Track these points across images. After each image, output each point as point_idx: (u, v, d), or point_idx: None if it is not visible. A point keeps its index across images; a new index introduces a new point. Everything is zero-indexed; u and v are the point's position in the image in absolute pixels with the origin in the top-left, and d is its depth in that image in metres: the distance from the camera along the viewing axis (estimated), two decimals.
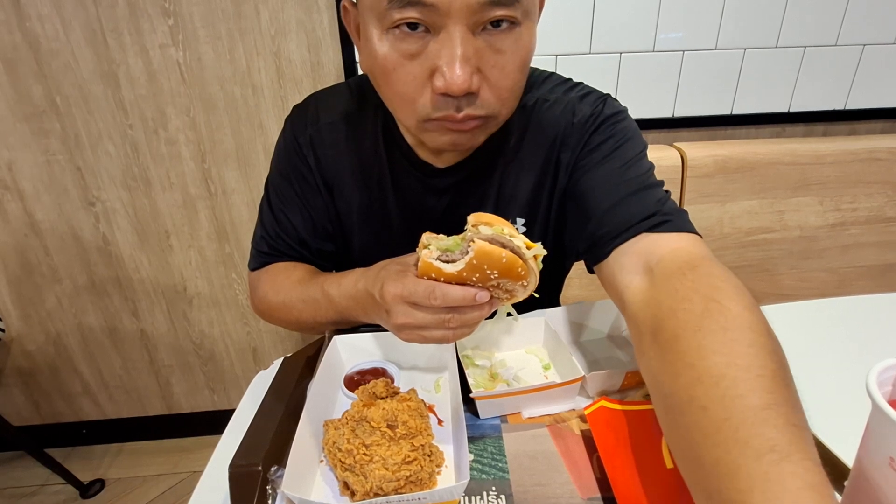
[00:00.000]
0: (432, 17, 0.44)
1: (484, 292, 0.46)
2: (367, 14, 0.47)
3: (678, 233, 0.50)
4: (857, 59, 1.30)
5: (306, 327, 0.67)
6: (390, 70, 0.48)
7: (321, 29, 1.19)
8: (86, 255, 1.37)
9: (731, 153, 1.24)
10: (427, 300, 0.46)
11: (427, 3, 0.43)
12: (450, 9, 0.43)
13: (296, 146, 0.66)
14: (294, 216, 0.69)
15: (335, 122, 0.66)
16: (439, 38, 0.45)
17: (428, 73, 0.47)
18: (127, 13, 1.14)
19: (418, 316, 0.48)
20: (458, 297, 0.45)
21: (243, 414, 0.55)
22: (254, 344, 1.55)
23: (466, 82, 0.45)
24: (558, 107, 0.62)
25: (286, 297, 0.66)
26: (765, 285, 1.34)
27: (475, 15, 0.44)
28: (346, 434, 0.46)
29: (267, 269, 0.71)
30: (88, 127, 1.23)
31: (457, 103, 0.48)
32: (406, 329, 0.50)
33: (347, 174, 0.67)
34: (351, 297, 0.58)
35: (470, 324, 0.48)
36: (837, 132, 1.40)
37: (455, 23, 0.44)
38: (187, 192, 1.32)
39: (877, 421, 0.32)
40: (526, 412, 0.55)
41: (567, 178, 0.62)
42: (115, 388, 1.56)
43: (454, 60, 0.44)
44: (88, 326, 1.46)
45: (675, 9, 1.21)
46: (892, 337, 0.55)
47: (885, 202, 1.31)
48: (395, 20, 0.45)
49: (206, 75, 1.21)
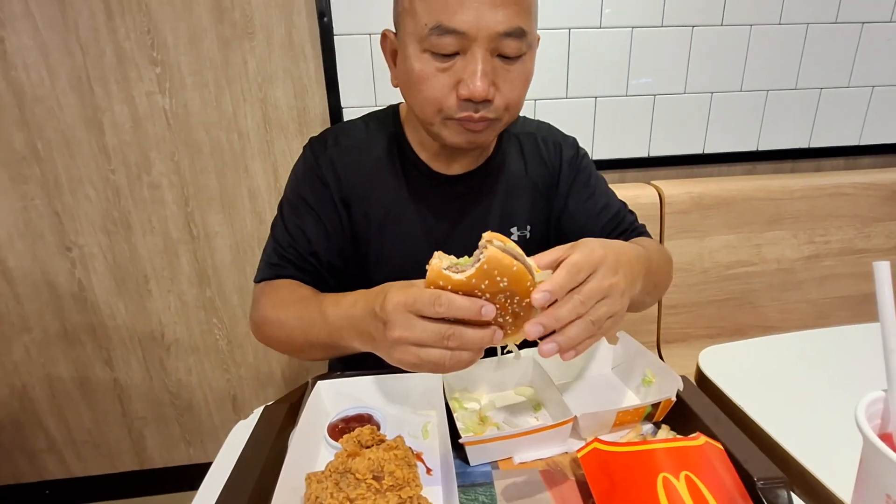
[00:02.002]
0: (462, 42, 0.58)
1: (490, 306, 0.44)
2: (408, 38, 0.61)
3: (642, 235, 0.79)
4: (816, 101, 1.38)
5: (296, 348, 0.67)
6: (424, 79, 0.60)
7: (307, 77, 1.22)
8: (59, 302, 1.33)
9: (705, 190, 1.29)
10: (431, 306, 0.44)
11: (460, 32, 0.57)
12: (477, 35, 0.57)
13: (315, 166, 0.73)
14: (308, 228, 0.72)
15: (355, 145, 0.75)
16: (466, 57, 0.59)
17: (454, 83, 0.60)
18: (114, 62, 1.16)
19: (417, 329, 0.45)
20: (464, 305, 0.44)
21: (221, 467, 0.52)
22: (234, 391, 1.49)
23: (486, 91, 0.59)
24: (550, 144, 0.80)
25: (282, 314, 0.67)
26: (749, 318, 1.36)
27: (493, 42, 0.58)
28: (329, 488, 0.44)
29: (272, 283, 0.72)
30: (69, 172, 1.22)
31: (475, 107, 0.61)
32: (401, 344, 0.47)
33: (366, 188, 0.74)
34: (347, 317, 0.57)
35: (470, 346, 0.46)
36: (804, 168, 1.47)
37: (479, 46, 0.58)
38: (169, 236, 1.30)
39: (870, 457, 0.31)
40: (518, 457, 0.53)
41: (563, 201, 0.80)
42: (84, 444, 1.47)
43: (476, 74, 0.58)
44: (58, 377, 1.39)
45: (645, 56, 1.28)
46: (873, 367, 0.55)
47: (855, 234, 1.36)
48: (434, 45, 0.58)
49: (191, 121, 1.22)
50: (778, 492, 0.44)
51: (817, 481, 0.51)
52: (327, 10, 1.15)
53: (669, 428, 0.56)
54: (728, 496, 0.44)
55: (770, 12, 1.28)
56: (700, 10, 1.25)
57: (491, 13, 0.56)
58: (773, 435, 0.59)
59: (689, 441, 0.48)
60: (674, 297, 1.31)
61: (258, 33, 1.18)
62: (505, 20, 0.57)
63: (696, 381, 0.75)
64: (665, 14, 1.25)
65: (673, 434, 0.55)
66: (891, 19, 1.32)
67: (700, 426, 0.52)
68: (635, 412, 0.55)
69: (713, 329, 1.34)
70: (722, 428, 0.51)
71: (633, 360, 0.64)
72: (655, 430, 0.56)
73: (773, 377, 0.71)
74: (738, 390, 0.67)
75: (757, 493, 0.44)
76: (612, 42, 1.26)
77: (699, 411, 0.54)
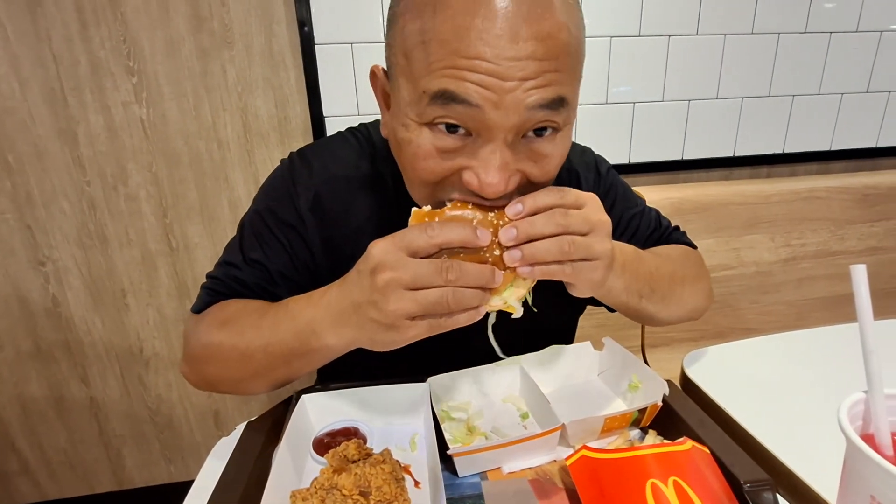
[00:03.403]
0: (475, 118, 0.42)
1: (485, 231, 0.41)
2: (403, 103, 0.46)
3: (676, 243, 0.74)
4: (789, 108, 1.43)
5: (249, 371, 0.56)
6: (420, 158, 0.46)
7: (288, 86, 1.21)
8: (32, 319, 1.28)
9: (685, 195, 1.31)
10: (423, 234, 0.40)
11: (473, 104, 0.41)
12: (497, 107, 0.41)
13: (293, 194, 0.62)
14: (271, 265, 0.62)
15: (345, 177, 0.63)
16: (480, 139, 0.44)
17: (459, 167, 0.45)
18: (89, 72, 1.13)
19: (411, 266, 0.40)
20: (456, 227, 0.40)
21: (203, 486, 0.50)
22: (216, 407, 1.45)
23: (502, 187, 0.44)
24: (564, 172, 0.67)
25: (232, 329, 0.56)
26: (729, 320, 1.38)
27: (522, 122, 0.43)
28: None
29: (212, 308, 0.62)
30: (42, 184, 1.19)
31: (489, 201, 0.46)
32: (395, 290, 0.41)
33: (356, 229, 0.62)
34: (322, 305, 0.49)
35: (471, 279, 0.40)
36: (780, 174, 1.51)
37: (498, 129, 0.42)
38: (147, 249, 1.27)
39: (853, 459, 0.32)
40: (506, 467, 0.52)
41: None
42: (59, 465, 1.42)
43: (490, 166, 0.43)
44: (31, 397, 1.34)
45: (624, 65, 1.30)
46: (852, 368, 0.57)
47: (829, 237, 1.40)
48: (438, 115, 0.43)
49: (170, 131, 1.20)
50: (764, 494, 0.44)
51: (802, 483, 0.52)
52: (308, 20, 1.15)
53: (657, 433, 0.56)
54: (716, 500, 0.44)
55: (743, 22, 1.31)
56: (676, 19, 1.28)
57: (518, 76, 0.41)
58: (757, 437, 0.60)
59: (676, 446, 0.49)
60: None
61: (237, 42, 1.17)
62: (536, 89, 0.42)
63: (682, 385, 0.76)
64: (642, 24, 1.27)
65: (660, 439, 0.55)
66: (857, 29, 1.37)
67: (686, 430, 0.52)
68: (622, 418, 0.55)
69: (696, 332, 1.36)
70: (708, 432, 0.52)
71: (619, 365, 0.64)
72: (643, 436, 0.56)
73: (756, 379, 0.72)
74: (722, 393, 0.68)
75: (744, 495, 0.44)
76: (592, 51, 1.27)
77: (685, 416, 0.54)
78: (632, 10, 1.26)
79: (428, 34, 0.42)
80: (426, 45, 0.42)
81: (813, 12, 1.33)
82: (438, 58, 0.42)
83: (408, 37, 0.44)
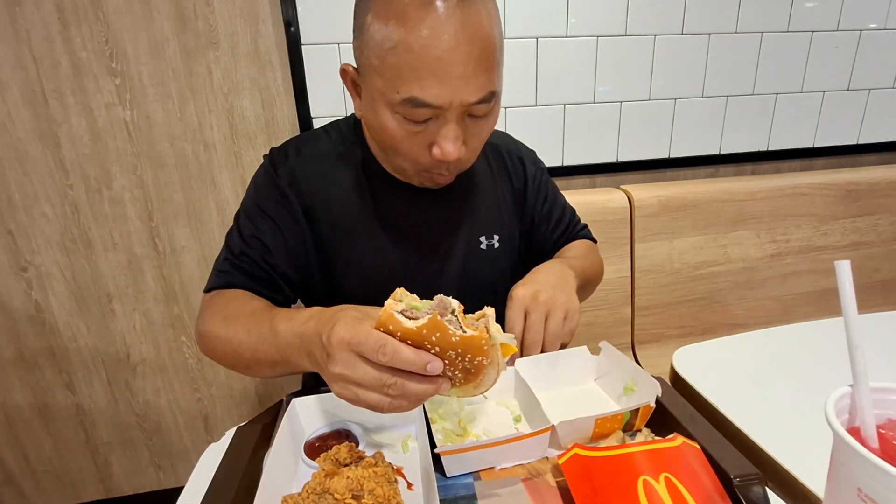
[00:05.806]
0: (435, 111, 0.58)
1: (438, 362, 0.43)
2: (377, 94, 0.60)
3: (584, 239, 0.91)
4: (772, 106, 1.45)
5: (242, 364, 0.62)
6: (398, 139, 0.62)
7: (275, 86, 1.20)
8: (14, 326, 1.25)
9: (672, 193, 1.32)
10: (375, 353, 0.43)
11: (436, 106, 0.57)
12: (451, 106, 0.58)
13: (275, 177, 0.72)
14: (266, 236, 0.70)
15: (318, 155, 0.74)
16: (438, 122, 0.60)
17: (427, 143, 0.62)
18: (70, 73, 1.11)
19: (359, 370, 0.44)
20: (408, 358, 0.42)
21: (192, 492, 0.50)
22: (205, 411, 1.43)
23: (457, 155, 0.61)
24: (515, 159, 0.84)
25: (230, 328, 0.62)
26: (717, 316, 1.40)
27: (466, 108, 0.59)
28: None
29: (222, 294, 0.68)
30: (23, 188, 1.16)
31: (446, 165, 0.64)
32: (341, 381, 0.46)
33: (331, 198, 0.73)
34: (297, 335, 0.53)
35: (411, 397, 0.45)
36: (764, 171, 1.53)
37: (452, 114, 0.59)
38: (132, 252, 1.25)
39: (840, 452, 0.32)
40: (498, 466, 0.52)
41: (530, 218, 0.85)
42: (44, 474, 1.39)
43: (448, 140, 0.60)
44: (14, 405, 1.31)
45: (610, 64, 1.31)
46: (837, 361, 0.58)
47: (813, 233, 1.42)
48: (407, 113, 0.58)
49: (154, 133, 1.18)
50: (753, 488, 0.45)
51: (791, 476, 0.52)
52: (294, 20, 1.14)
53: (649, 430, 0.56)
54: (706, 495, 0.44)
55: (727, 21, 1.33)
56: (661, 19, 1.30)
57: (465, 87, 0.56)
58: (746, 432, 0.61)
59: (667, 442, 0.49)
60: (646, 298, 1.34)
61: (223, 43, 1.15)
62: (477, 90, 0.57)
63: (671, 381, 0.76)
64: (628, 23, 1.28)
65: (652, 436, 0.55)
66: (837, 28, 1.40)
67: (677, 426, 0.53)
68: (614, 419, 0.55)
69: (684, 328, 1.38)
70: (698, 427, 0.52)
71: (614, 369, 0.64)
72: (634, 432, 0.57)
73: (744, 374, 0.73)
74: (711, 389, 0.69)
75: (734, 490, 0.45)
76: (579, 50, 1.29)
77: (675, 412, 0.55)
78: (618, 10, 1.27)
79: (398, 45, 0.55)
80: (397, 54, 0.55)
81: (795, 12, 1.35)
82: (408, 68, 0.55)
83: (380, 43, 0.56)
